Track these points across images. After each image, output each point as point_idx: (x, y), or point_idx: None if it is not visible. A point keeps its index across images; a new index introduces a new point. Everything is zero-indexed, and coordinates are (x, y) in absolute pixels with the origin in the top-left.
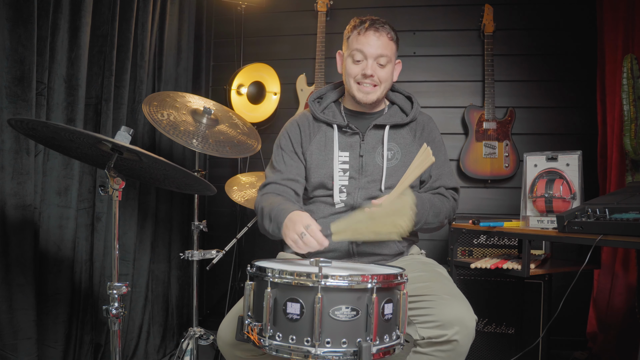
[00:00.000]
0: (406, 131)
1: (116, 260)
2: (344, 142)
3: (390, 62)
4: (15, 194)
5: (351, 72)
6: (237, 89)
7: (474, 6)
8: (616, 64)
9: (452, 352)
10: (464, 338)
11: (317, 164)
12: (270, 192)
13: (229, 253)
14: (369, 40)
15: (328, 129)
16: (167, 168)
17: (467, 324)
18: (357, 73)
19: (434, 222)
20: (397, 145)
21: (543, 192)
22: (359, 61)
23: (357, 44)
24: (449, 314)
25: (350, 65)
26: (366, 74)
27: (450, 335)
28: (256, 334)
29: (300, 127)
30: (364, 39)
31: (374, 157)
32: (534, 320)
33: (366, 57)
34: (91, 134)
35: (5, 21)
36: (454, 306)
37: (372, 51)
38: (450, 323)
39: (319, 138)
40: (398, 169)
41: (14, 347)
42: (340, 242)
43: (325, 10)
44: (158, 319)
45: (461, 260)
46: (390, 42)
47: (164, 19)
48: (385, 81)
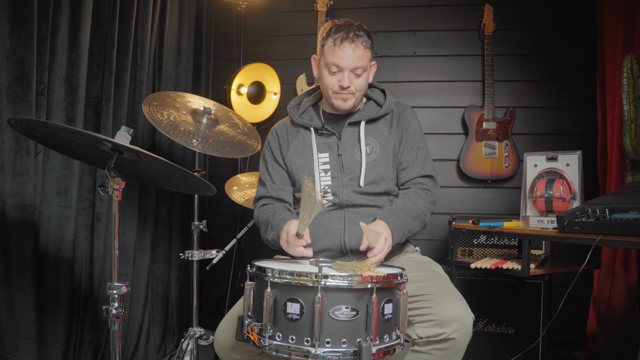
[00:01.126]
0: (382, 123)
1: (116, 260)
2: (322, 143)
3: (366, 71)
4: (15, 194)
5: (328, 83)
6: (237, 89)
7: (474, 6)
8: (616, 64)
9: (450, 350)
10: (461, 336)
11: (297, 166)
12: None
13: (229, 253)
14: (344, 53)
15: (306, 133)
16: (167, 168)
17: (465, 322)
18: (334, 84)
19: (416, 227)
20: (375, 139)
21: (543, 192)
22: (335, 72)
23: (333, 57)
24: (447, 312)
25: (327, 76)
26: (343, 86)
27: (449, 333)
28: (256, 334)
29: (278, 134)
30: (339, 51)
31: (353, 154)
32: (534, 320)
33: (342, 69)
34: (91, 134)
35: (5, 21)
36: (452, 305)
37: (348, 64)
38: (448, 321)
39: (297, 142)
40: (378, 162)
41: (14, 347)
42: (332, 241)
43: (325, 10)
44: (158, 319)
45: (461, 260)
46: (365, 50)
47: (164, 19)
48: (361, 89)
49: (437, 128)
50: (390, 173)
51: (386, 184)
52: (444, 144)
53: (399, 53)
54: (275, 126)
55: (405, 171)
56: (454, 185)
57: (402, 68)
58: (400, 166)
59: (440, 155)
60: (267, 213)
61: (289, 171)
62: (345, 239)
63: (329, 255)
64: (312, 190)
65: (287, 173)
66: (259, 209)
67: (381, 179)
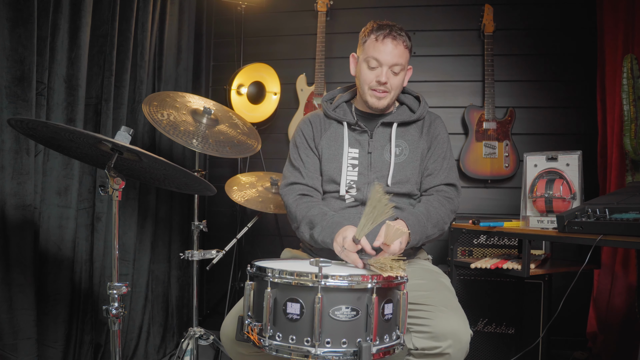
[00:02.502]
0: (413, 128)
1: (116, 260)
2: (353, 139)
3: (403, 70)
4: (15, 194)
5: (366, 78)
6: (237, 89)
7: (474, 6)
8: (616, 64)
9: None
10: (456, 352)
11: (327, 157)
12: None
13: (229, 253)
14: (386, 48)
15: (338, 126)
16: (167, 168)
17: (461, 338)
18: (372, 80)
19: (434, 233)
20: (405, 141)
21: (543, 192)
22: (374, 68)
23: (374, 52)
24: (444, 326)
25: (365, 70)
26: (380, 81)
27: (444, 348)
28: (256, 334)
29: (312, 123)
30: (381, 46)
31: (382, 153)
32: (534, 320)
33: (381, 64)
34: (91, 134)
35: (5, 21)
36: (450, 319)
37: (388, 59)
38: (444, 336)
39: (329, 134)
40: (406, 164)
41: (14, 347)
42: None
43: (325, 10)
44: (158, 319)
45: (461, 260)
46: (405, 50)
47: (164, 19)
48: (397, 88)
49: None
50: (416, 177)
51: (410, 186)
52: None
53: None
54: (308, 116)
55: (430, 177)
56: None
57: None
58: (426, 172)
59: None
60: (309, 209)
61: (320, 158)
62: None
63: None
64: (383, 195)
65: (319, 160)
66: (297, 199)
67: (407, 181)
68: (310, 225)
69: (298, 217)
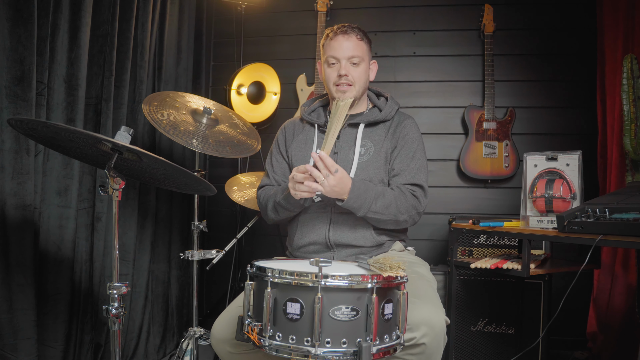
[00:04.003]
0: (380, 128)
1: (116, 260)
2: (321, 140)
3: (364, 62)
4: (15, 194)
5: (329, 76)
6: (237, 89)
7: (474, 6)
8: (616, 64)
9: (422, 355)
10: (432, 340)
11: (296, 160)
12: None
13: (229, 253)
14: (339, 43)
15: (310, 129)
16: (167, 168)
17: (435, 325)
18: (334, 76)
19: (383, 213)
20: (371, 141)
21: (543, 192)
22: (333, 64)
23: (330, 50)
24: (415, 316)
25: (327, 70)
26: (340, 74)
27: (418, 338)
28: (256, 334)
29: (286, 129)
30: (334, 43)
31: (348, 153)
32: (534, 320)
33: (339, 59)
34: (91, 134)
35: (5, 21)
36: (421, 309)
37: (343, 53)
38: (417, 326)
39: (301, 137)
40: (369, 163)
41: (14, 347)
42: (318, 235)
43: (325, 10)
44: (158, 319)
45: (461, 260)
46: (360, 42)
47: (164, 19)
48: (359, 80)
49: (437, 128)
50: (381, 176)
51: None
52: (444, 144)
53: (399, 53)
54: (285, 123)
55: (396, 177)
56: (454, 185)
57: (402, 68)
58: (392, 172)
59: (440, 155)
60: (269, 191)
61: (290, 163)
62: (330, 233)
63: (316, 249)
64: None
65: (288, 166)
66: (260, 192)
67: (369, 180)
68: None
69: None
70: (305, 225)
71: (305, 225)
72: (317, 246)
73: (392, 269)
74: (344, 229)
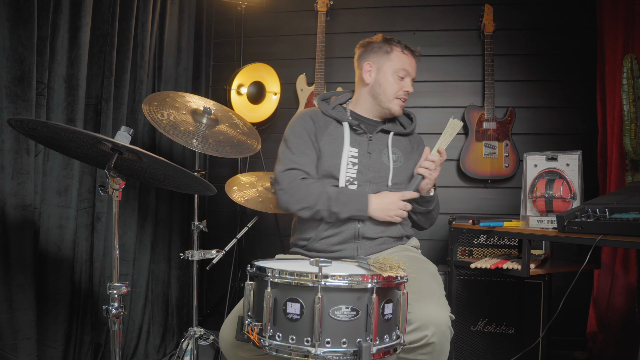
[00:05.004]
0: (406, 141)
1: (116, 260)
2: (353, 138)
3: None
4: (15, 194)
5: (393, 87)
6: (237, 89)
7: (474, 6)
8: (616, 64)
9: (434, 353)
10: (440, 338)
11: (328, 154)
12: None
13: (229, 253)
14: (411, 62)
15: (337, 126)
16: (167, 168)
17: (440, 323)
18: (399, 89)
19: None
20: (400, 150)
21: (543, 192)
22: (403, 78)
23: (404, 64)
24: (423, 315)
25: (395, 80)
26: (408, 91)
27: (428, 337)
28: (256, 334)
29: (313, 118)
30: (410, 60)
31: (380, 156)
32: (534, 320)
33: (410, 75)
34: (91, 134)
35: (5, 21)
36: (428, 307)
37: (413, 73)
38: (426, 325)
39: (330, 131)
40: (402, 170)
41: (14, 347)
42: (347, 226)
43: (325, 10)
44: (158, 319)
45: (461, 260)
46: None
47: (164, 19)
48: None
49: (437, 128)
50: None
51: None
52: None
53: None
54: (308, 112)
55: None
56: (454, 185)
57: None
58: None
59: None
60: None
61: (319, 155)
62: (359, 225)
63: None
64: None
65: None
66: (300, 181)
67: (401, 184)
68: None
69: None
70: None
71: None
72: (343, 236)
73: (392, 269)
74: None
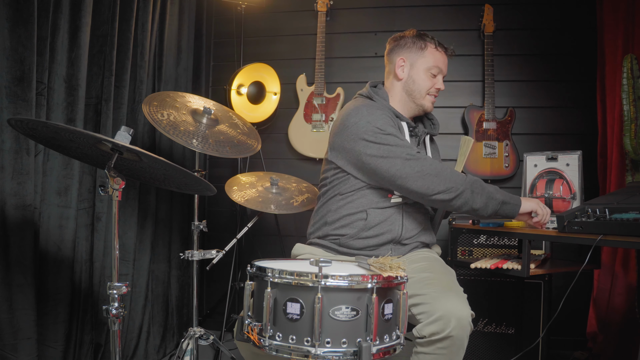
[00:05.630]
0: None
1: (116, 260)
2: (411, 140)
3: None
4: (15, 194)
5: (426, 84)
6: (237, 89)
7: (474, 6)
8: (616, 64)
9: (453, 347)
10: (460, 332)
11: None
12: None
13: (229, 253)
14: (444, 60)
15: (398, 123)
16: (167, 168)
17: (462, 318)
18: (431, 86)
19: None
20: (435, 151)
21: (543, 192)
22: (435, 75)
23: (439, 62)
24: (445, 309)
25: (428, 77)
26: (440, 89)
27: (449, 331)
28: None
29: (391, 118)
30: (443, 58)
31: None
32: (534, 320)
33: (443, 73)
34: (91, 134)
35: (5, 21)
36: (451, 300)
37: (445, 71)
38: (448, 318)
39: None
40: None
41: (14, 347)
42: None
43: (325, 10)
44: (158, 319)
45: (461, 260)
46: None
47: (164, 19)
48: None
49: None
50: None
51: None
52: (444, 144)
53: None
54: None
55: None
56: None
57: None
58: None
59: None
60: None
61: None
62: (403, 230)
63: (381, 240)
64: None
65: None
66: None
67: None
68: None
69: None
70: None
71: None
72: (384, 238)
73: (392, 269)
74: (412, 227)
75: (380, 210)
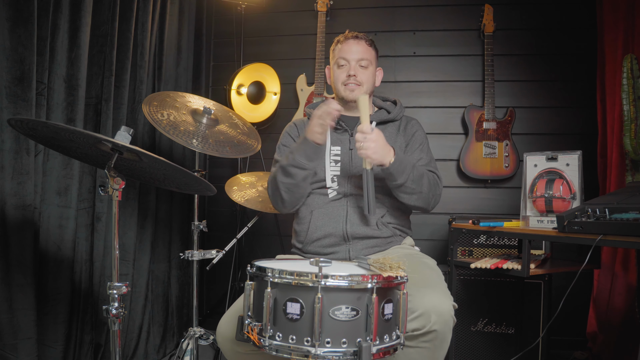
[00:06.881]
0: (391, 127)
1: (116, 260)
2: (335, 138)
3: (372, 65)
4: (15, 194)
5: (338, 77)
6: (237, 89)
7: (474, 6)
8: (616, 64)
9: (436, 340)
10: (442, 326)
11: None
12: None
13: (229, 253)
14: (350, 47)
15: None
16: (167, 168)
17: (443, 312)
18: (342, 76)
19: (419, 184)
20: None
21: (543, 192)
22: (343, 66)
23: (340, 52)
24: (425, 304)
25: (336, 71)
26: (350, 74)
27: (430, 325)
28: (256, 334)
29: (298, 126)
30: (345, 46)
31: None
32: (534, 320)
33: (348, 61)
34: (91, 134)
35: (5, 21)
36: (430, 296)
37: (353, 56)
38: (428, 313)
39: None
40: None
41: (14, 347)
42: (335, 227)
43: (325, 10)
44: (158, 319)
45: (461, 260)
46: (369, 47)
47: (164, 19)
48: (367, 82)
49: (437, 128)
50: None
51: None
52: (444, 144)
53: (399, 53)
54: (295, 120)
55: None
56: (454, 185)
57: (402, 68)
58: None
59: (440, 155)
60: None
61: None
62: (347, 225)
63: (332, 241)
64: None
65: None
66: (269, 178)
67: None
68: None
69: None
70: (320, 219)
71: (320, 219)
72: (333, 238)
73: (392, 268)
74: (360, 221)
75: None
